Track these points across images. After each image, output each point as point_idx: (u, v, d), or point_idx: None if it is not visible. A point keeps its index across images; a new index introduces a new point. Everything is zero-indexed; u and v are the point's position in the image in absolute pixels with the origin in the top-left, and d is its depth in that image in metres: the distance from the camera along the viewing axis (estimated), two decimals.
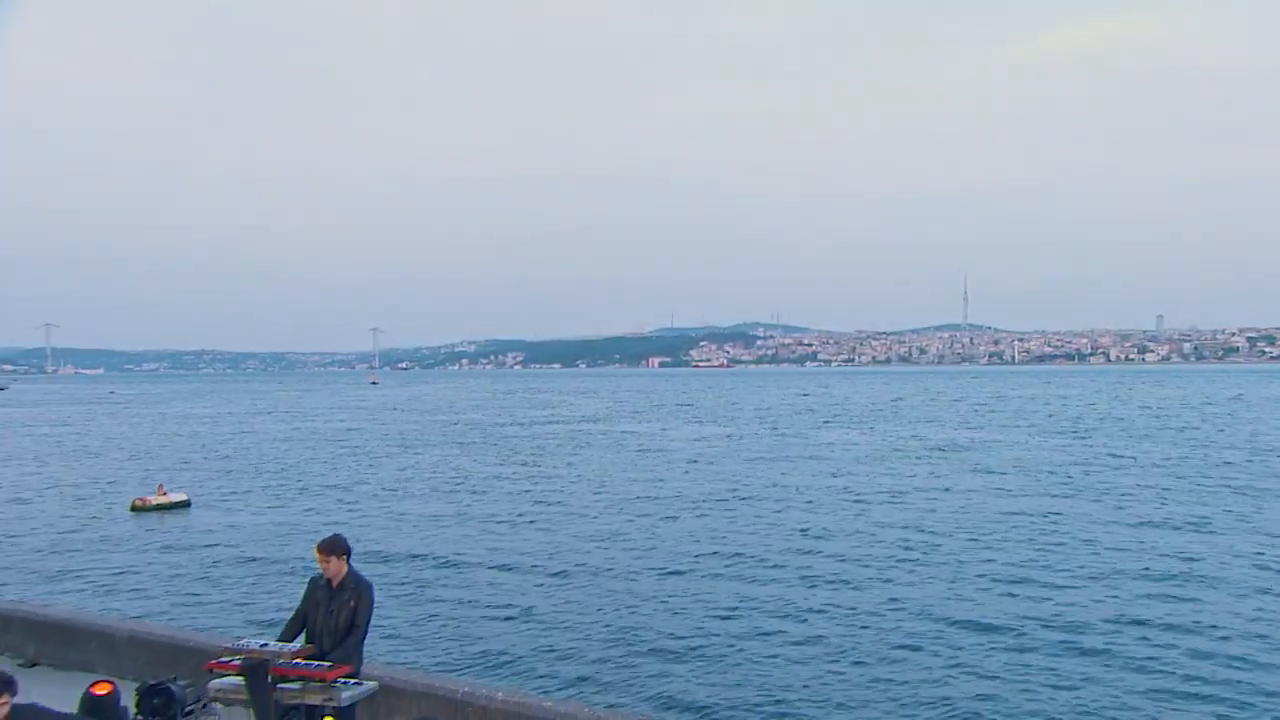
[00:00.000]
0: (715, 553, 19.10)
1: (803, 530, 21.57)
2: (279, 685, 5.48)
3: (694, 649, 12.74)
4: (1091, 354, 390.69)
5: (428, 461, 39.28)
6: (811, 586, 16.26)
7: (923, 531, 21.11)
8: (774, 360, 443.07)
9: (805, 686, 11.28)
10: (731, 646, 12.82)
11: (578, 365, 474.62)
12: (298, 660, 5.60)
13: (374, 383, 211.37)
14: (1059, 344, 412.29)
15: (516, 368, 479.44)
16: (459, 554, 19.43)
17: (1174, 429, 50.63)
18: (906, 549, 19.23)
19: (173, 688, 7.15)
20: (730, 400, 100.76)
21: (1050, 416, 63.23)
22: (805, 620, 14.12)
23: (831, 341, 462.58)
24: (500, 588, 16.58)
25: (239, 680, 5.51)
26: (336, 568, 6.10)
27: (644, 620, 14.20)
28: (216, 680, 5.70)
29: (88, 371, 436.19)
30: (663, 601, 15.31)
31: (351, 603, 6.03)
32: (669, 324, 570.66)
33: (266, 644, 5.65)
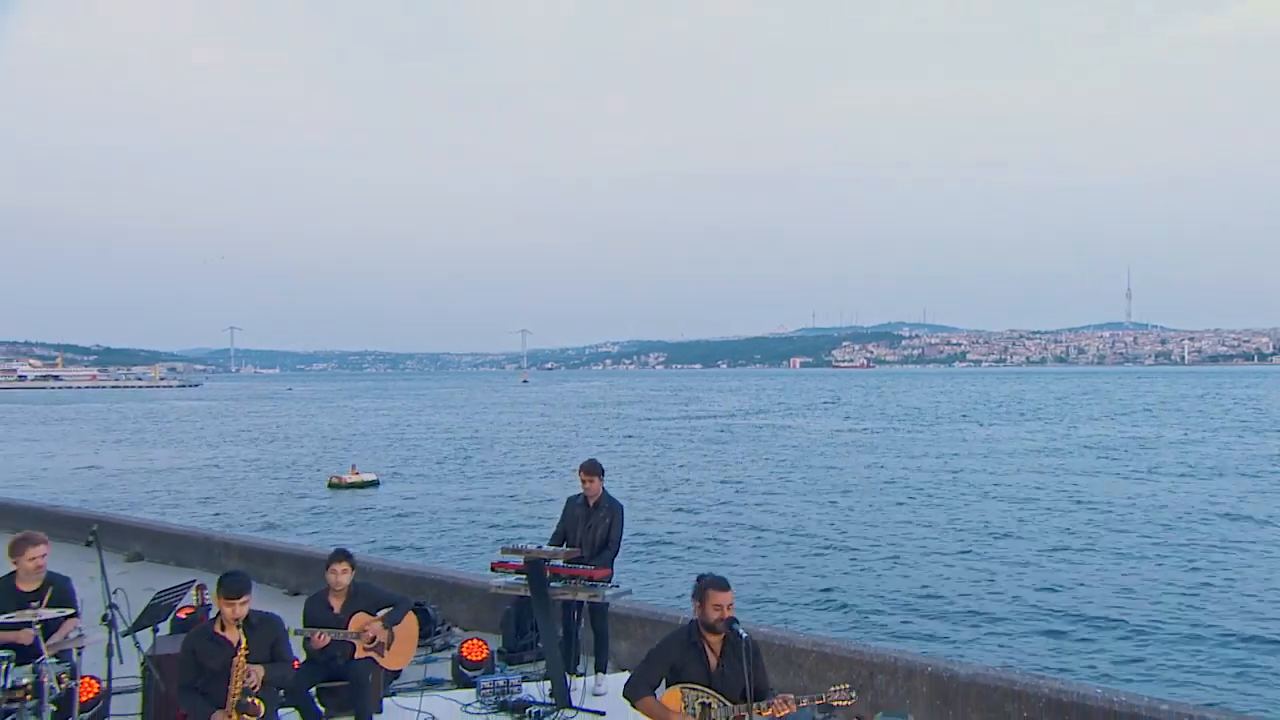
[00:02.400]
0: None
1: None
2: (551, 583, 6.52)
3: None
4: (1275, 354, 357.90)
5: (588, 447, 41.94)
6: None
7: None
8: (920, 360, 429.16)
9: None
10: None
11: (719, 365, 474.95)
12: (568, 562, 6.61)
13: (525, 381, 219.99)
14: (1235, 343, 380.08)
15: (658, 368, 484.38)
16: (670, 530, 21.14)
17: None
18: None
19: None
20: (906, 398, 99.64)
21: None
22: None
23: (981, 341, 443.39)
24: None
25: (519, 577, 6.63)
26: (595, 488, 6.96)
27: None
28: (499, 577, 6.82)
29: (266, 371, 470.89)
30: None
31: (607, 520, 6.89)
32: (810, 324, 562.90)
33: (542, 546, 6.70)
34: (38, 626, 5.16)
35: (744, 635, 4.38)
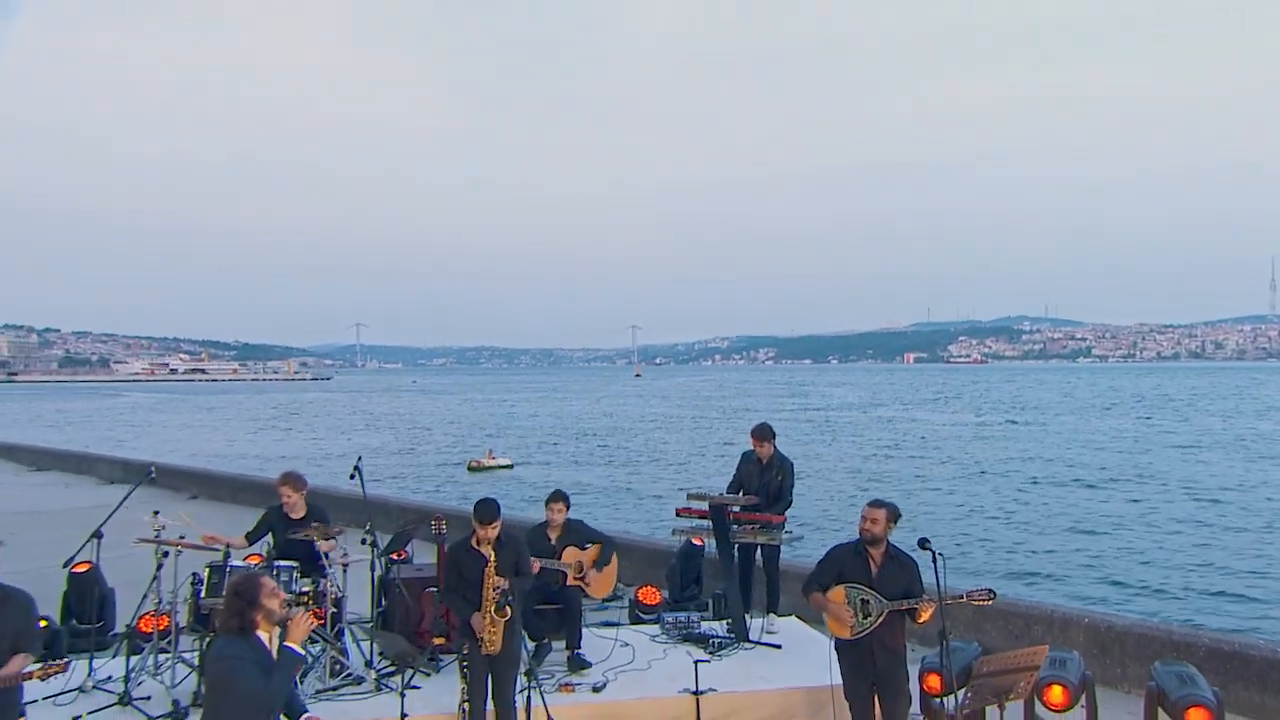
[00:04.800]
0: None
1: None
2: (731, 526, 7.23)
3: None
4: None
5: (705, 435, 42.78)
6: None
7: None
8: (1041, 356, 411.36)
9: None
10: None
11: (829, 361, 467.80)
12: (745, 508, 7.25)
13: (638, 375, 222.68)
14: None
15: (768, 363, 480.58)
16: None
17: None
18: None
19: None
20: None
21: None
22: None
23: (1108, 335, 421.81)
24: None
25: (702, 521, 7.35)
26: (767, 450, 7.56)
27: None
28: (682, 521, 7.54)
29: (389, 366, 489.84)
30: None
31: (779, 477, 7.50)
32: (925, 319, 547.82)
33: (724, 494, 7.44)
34: (324, 544, 6.25)
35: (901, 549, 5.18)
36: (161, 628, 6.61)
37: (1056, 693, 5.41)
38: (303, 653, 3.86)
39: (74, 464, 22.82)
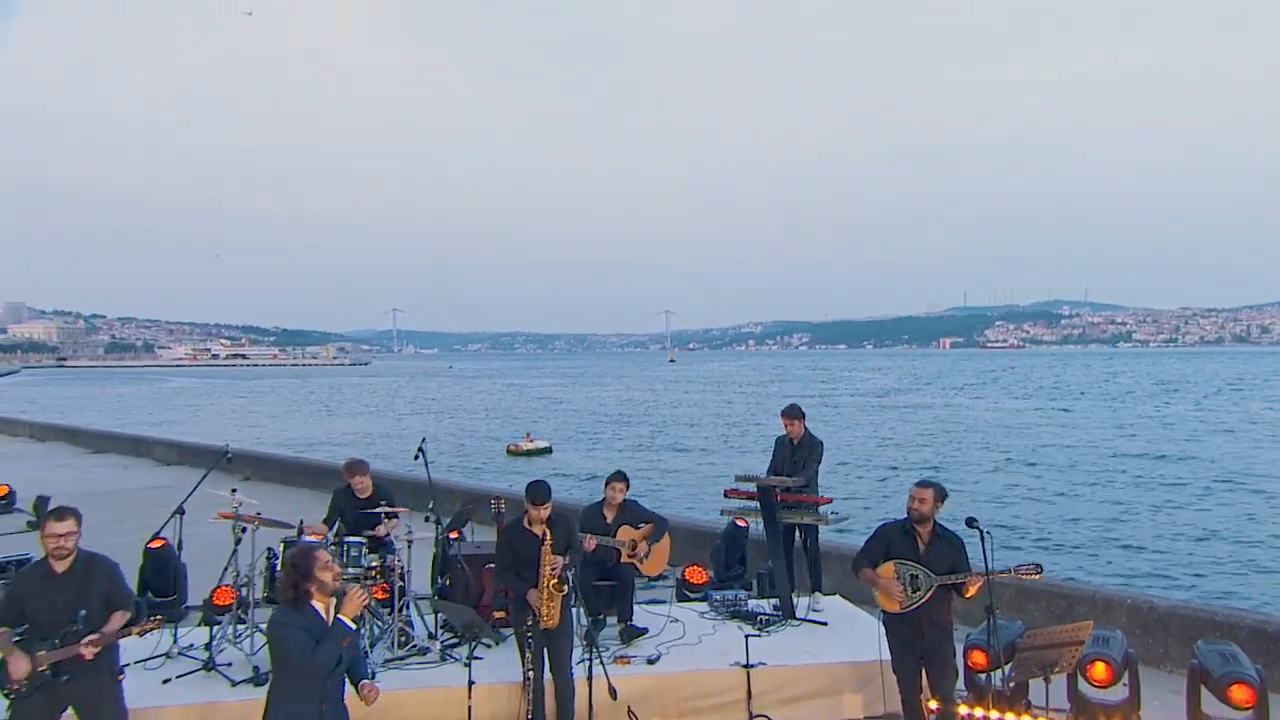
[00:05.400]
0: None
1: None
2: (778, 507, 7.43)
3: None
4: None
5: (745, 418, 42.94)
6: None
7: None
8: (1080, 340, 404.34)
9: None
10: None
11: (864, 346, 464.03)
12: (792, 489, 7.47)
13: (672, 360, 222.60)
14: None
15: (801, 348, 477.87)
16: None
17: None
18: None
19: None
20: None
21: None
22: None
23: (1149, 319, 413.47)
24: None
25: (750, 503, 7.60)
26: (797, 429, 7.83)
27: None
28: (730, 502, 7.79)
29: (425, 351, 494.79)
30: None
31: (807, 454, 7.77)
32: (962, 303, 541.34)
33: (769, 476, 7.72)
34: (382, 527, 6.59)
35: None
36: (229, 601, 6.99)
37: (1100, 669, 5.56)
38: (353, 626, 4.06)
39: (131, 447, 23.57)
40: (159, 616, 4.93)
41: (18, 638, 4.46)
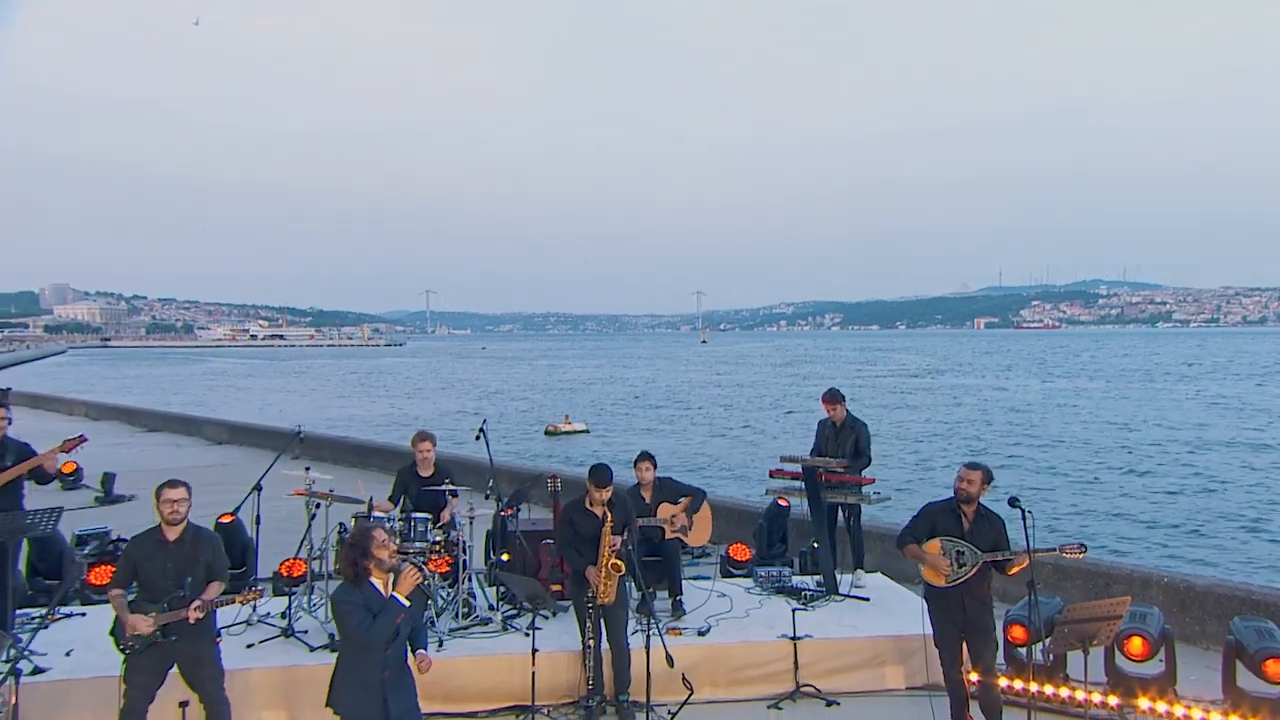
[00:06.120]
0: None
1: None
2: (822, 487, 7.67)
3: None
4: None
5: (778, 399, 43.09)
6: None
7: None
8: (1118, 320, 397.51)
9: None
10: None
11: (896, 326, 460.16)
12: (835, 470, 7.73)
13: (704, 341, 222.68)
14: None
15: (834, 329, 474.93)
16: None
17: None
18: None
19: None
20: None
21: None
22: None
23: (1190, 299, 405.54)
24: None
25: (794, 483, 7.85)
26: (839, 412, 8.01)
27: None
28: (775, 482, 8.07)
29: (458, 332, 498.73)
30: None
31: (853, 435, 7.98)
32: (997, 283, 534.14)
33: (812, 458, 7.94)
34: (452, 499, 6.93)
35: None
36: (302, 573, 7.40)
37: (1136, 644, 5.79)
38: (406, 602, 4.35)
39: (183, 426, 24.32)
40: (260, 588, 5.34)
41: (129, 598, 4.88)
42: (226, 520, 8.65)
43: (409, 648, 4.48)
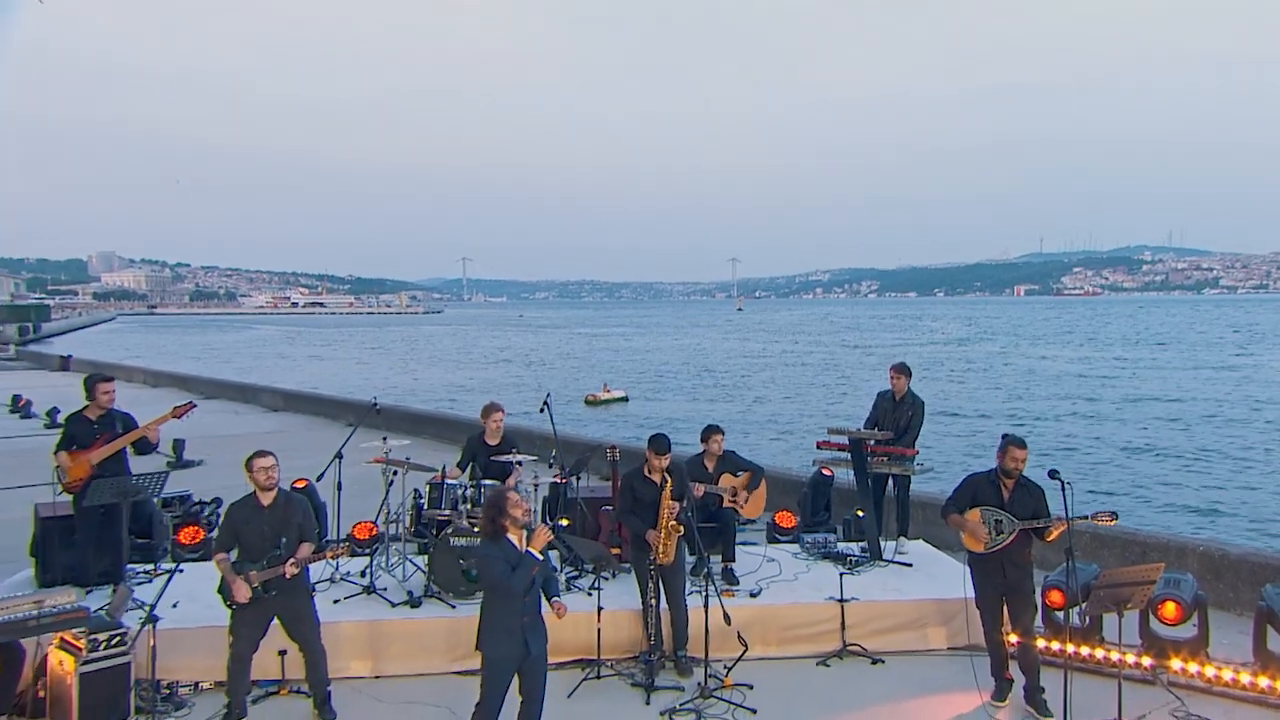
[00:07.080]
0: None
1: None
2: (868, 458, 8.07)
3: None
4: None
5: (812, 369, 43.25)
6: None
7: None
8: (1163, 287, 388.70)
9: None
10: None
11: (934, 294, 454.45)
12: (881, 442, 8.09)
13: (739, 309, 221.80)
14: None
15: (870, 296, 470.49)
16: None
17: None
18: None
19: None
20: None
21: None
22: None
23: (1238, 265, 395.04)
24: None
25: (840, 454, 8.19)
26: (902, 385, 8.26)
27: None
28: (822, 453, 8.44)
29: (494, 299, 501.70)
30: None
31: (910, 411, 8.26)
32: (1038, 249, 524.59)
33: (860, 429, 8.29)
34: (518, 467, 7.40)
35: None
36: (374, 535, 7.92)
37: (1170, 608, 6.10)
38: (540, 556, 4.86)
39: (239, 394, 25.16)
40: (345, 544, 5.84)
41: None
42: (300, 485, 9.20)
43: (543, 596, 4.95)
